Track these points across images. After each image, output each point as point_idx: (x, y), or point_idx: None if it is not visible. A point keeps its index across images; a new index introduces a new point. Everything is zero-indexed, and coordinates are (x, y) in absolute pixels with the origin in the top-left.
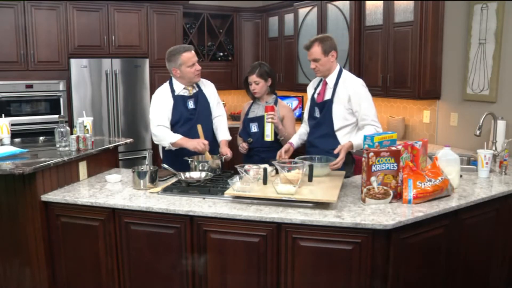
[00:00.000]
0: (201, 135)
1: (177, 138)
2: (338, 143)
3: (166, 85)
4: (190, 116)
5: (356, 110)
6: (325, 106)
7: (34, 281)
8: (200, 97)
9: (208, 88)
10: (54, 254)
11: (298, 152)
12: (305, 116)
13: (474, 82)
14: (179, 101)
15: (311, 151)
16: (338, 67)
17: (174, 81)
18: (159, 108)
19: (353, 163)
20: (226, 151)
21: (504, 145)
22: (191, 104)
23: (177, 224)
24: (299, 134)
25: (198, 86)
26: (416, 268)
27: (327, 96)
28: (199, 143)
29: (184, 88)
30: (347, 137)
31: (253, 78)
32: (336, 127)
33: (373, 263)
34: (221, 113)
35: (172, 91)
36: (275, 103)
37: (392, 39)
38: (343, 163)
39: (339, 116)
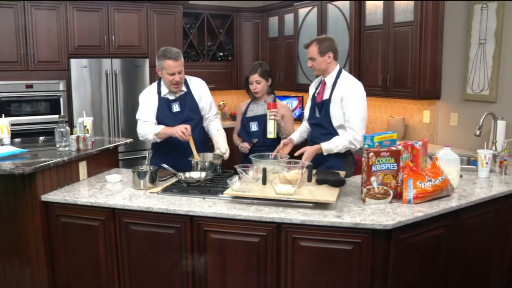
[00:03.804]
0: (193, 147)
1: (159, 128)
2: None
3: (154, 85)
4: (174, 118)
5: (344, 111)
6: (324, 106)
7: (34, 281)
8: (187, 98)
9: (198, 87)
10: (54, 254)
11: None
12: (306, 114)
13: (474, 82)
14: (163, 103)
15: None
16: (337, 68)
17: (162, 82)
18: (145, 106)
19: (353, 163)
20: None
21: (504, 145)
22: (176, 107)
23: (177, 224)
24: (300, 131)
25: (187, 86)
26: (416, 268)
27: (326, 96)
28: (180, 128)
29: (169, 92)
30: None
31: (255, 77)
32: (335, 125)
33: (373, 263)
34: (215, 115)
35: (159, 92)
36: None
37: (392, 39)
38: (344, 163)
39: (337, 116)
